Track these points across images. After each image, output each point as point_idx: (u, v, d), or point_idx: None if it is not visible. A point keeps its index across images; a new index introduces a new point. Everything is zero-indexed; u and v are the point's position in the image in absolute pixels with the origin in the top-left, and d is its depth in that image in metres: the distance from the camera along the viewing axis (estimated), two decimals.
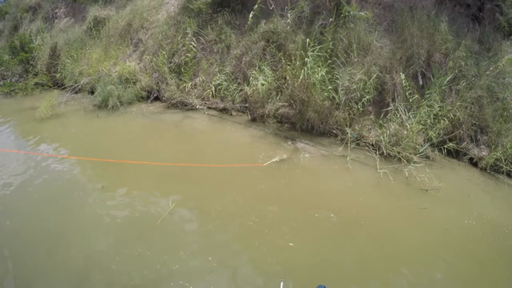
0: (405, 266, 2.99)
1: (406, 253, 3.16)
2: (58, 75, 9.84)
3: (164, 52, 7.54)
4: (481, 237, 3.36)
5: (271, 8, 6.55)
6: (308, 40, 5.59)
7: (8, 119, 7.98)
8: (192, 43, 7.34)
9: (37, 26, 12.57)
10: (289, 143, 5.34)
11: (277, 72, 6.18)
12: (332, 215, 3.61)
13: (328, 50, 5.55)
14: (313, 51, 5.45)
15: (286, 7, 6.26)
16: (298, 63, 5.57)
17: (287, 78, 5.80)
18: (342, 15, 5.63)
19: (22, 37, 11.14)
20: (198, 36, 7.44)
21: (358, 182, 4.31)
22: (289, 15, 6.11)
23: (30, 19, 13.63)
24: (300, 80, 5.34)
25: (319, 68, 5.37)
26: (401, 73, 5.24)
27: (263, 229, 3.43)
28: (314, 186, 4.25)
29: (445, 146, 4.87)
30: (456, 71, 5.26)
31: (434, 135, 4.89)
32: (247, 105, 6.48)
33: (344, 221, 3.53)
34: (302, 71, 5.33)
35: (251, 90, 6.10)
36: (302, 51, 5.63)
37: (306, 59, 5.41)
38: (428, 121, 4.96)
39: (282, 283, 2.09)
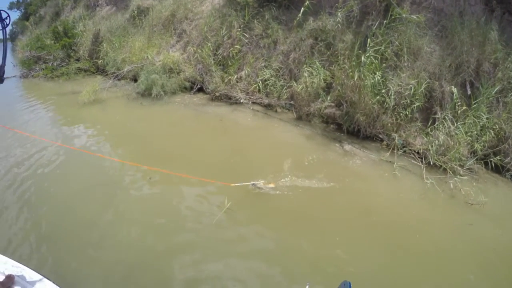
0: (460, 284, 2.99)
1: (460, 271, 3.11)
2: (100, 61, 10.23)
3: (209, 44, 7.69)
4: None
5: (335, 4, 6.50)
6: (369, 40, 5.58)
7: (49, 102, 8.25)
8: (245, 34, 7.42)
9: (79, 13, 13.00)
10: (337, 145, 5.37)
11: (327, 71, 6.19)
12: (388, 226, 3.59)
13: (381, 53, 5.53)
14: (369, 51, 5.46)
15: (336, 4, 6.27)
16: (353, 63, 5.57)
17: (342, 77, 5.77)
18: (392, 17, 5.60)
19: (65, 23, 11.55)
20: (245, 29, 7.52)
21: (408, 192, 4.27)
22: (339, 13, 6.11)
23: (72, 6, 14.11)
24: (354, 80, 5.36)
25: (375, 70, 5.38)
26: (452, 85, 5.20)
27: (316, 234, 3.44)
28: (366, 194, 4.21)
29: (491, 160, 4.73)
30: (505, 82, 5.14)
31: (480, 147, 4.79)
32: (292, 102, 6.57)
33: (399, 233, 3.52)
34: (357, 71, 5.35)
35: (300, 87, 6.14)
36: (360, 51, 5.62)
37: (363, 59, 5.40)
38: (475, 132, 4.89)
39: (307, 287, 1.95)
